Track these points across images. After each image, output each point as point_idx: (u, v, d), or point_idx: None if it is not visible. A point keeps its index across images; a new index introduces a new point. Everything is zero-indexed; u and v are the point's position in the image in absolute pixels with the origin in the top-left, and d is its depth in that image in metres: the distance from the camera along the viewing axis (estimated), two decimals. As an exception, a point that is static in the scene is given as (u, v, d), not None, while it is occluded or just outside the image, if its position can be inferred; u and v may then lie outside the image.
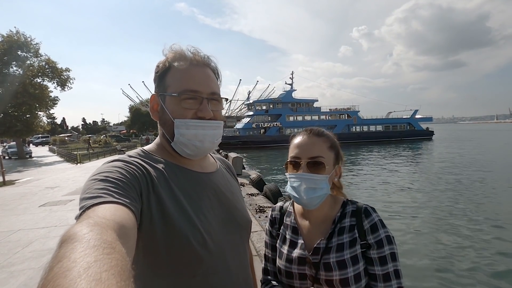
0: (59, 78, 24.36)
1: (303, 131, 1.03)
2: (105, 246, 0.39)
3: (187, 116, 0.78)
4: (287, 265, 0.98)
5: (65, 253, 0.36)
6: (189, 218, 0.73)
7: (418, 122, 48.66)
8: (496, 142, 36.03)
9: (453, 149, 28.20)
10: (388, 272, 0.88)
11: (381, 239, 0.90)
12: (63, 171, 14.54)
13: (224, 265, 0.78)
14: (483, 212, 8.19)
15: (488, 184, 11.84)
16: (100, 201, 0.56)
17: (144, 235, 0.67)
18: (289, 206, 1.11)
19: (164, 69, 0.82)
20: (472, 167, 16.32)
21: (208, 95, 0.81)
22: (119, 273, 0.35)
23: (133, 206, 0.61)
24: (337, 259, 0.90)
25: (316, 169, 0.95)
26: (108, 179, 0.64)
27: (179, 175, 0.80)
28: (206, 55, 0.85)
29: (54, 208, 6.72)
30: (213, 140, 0.82)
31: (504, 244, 6.03)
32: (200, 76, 0.81)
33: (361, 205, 0.98)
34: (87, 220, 0.47)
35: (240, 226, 0.88)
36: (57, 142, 43.02)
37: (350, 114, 46.43)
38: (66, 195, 8.18)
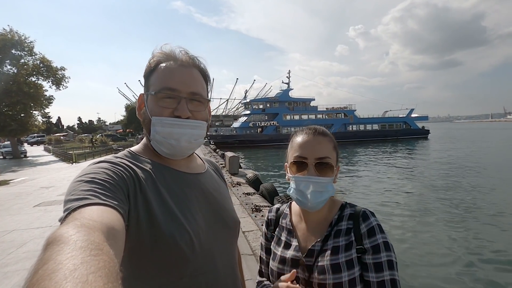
0: (54, 77, 24.15)
1: (306, 130, 0.97)
2: (93, 247, 0.38)
3: (164, 114, 0.78)
4: (279, 266, 0.95)
5: (50, 255, 0.36)
6: (176, 219, 0.73)
7: (414, 121, 49.01)
8: (491, 141, 36.37)
9: (449, 148, 28.43)
10: (384, 280, 0.82)
11: (378, 244, 0.85)
12: (58, 170, 14.43)
13: (212, 266, 0.78)
14: (478, 210, 8.28)
15: (483, 184, 11.95)
16: (87, 203, 0.55)
17: (131, 237, 0.66)
18: (286, 208, 1.08)
19: (150, 69, 0.82)
20: (467, 166, 16.47)
21: (187, 95, 0.80)
22: (107, 274, 0.34)
23: (121, 208, 0.60)
24: (331, 262, 0.86)
25: (324, 170, 0.90)
26: (95, 180, 0.63)
27: (166, 176, 0.80)
28: (193, 56, 0.85)
29: (49, 208, 6.68)
30: (190, 140, 0.81)
31: (499, 241, 6.11)
32: (181, 75, 0.80)
33: (360, 209, 0.94)
34: (74, 222, 0.46)
35: (228, 226, 0.88)
36: (52, 142, 42.66)
37: (347, 113, 46.67)
38: (61, 195, 8.11)
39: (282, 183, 13.64)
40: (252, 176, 10.06)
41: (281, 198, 6.41)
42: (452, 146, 30.08)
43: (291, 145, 0.98)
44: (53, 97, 25.88)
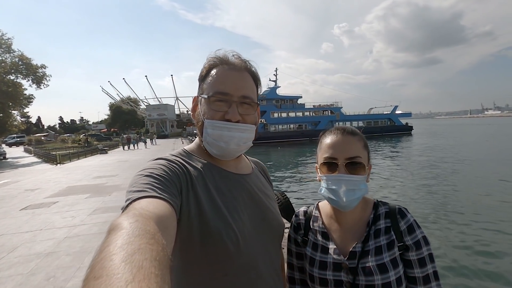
0: (34, 75, 23.27)
1: (335, 130, 0.97)
2: (148, 236, 0.42)
3: (215, 117, 0.82)
4: (321, 272, 0.92)
5: (112, 239, 0.40)
6: (223, 216, 0.76)
7: (398, 118, 50.29)
8: (471, 136, 37.84)
9: (431, 143, 29.37)
10: (428, 273, 0.86)
11: (418, 240, 0.87)
12: (43, 172, 13.94)
13: (255, 266, 0.80)
14: (460, 202, 8.61)
15: (466, 176, 12.44)
16: (145, 195, 0.60)
17: (182, 230, 0.70)
18: (314, 210, 1.06)
19: (204, 73, 0.86)
20: (449, 160, 17.07)
21: (238, 98, 0.82)
22: (158, 262, 0.37)
23: (174, 202, 0.64)
24: (377, 262, 0.86)
25: (355, 170, 0.90)
26: (153, 175, 0.68)
27: (215, 175, 0.83)
28: (245, 60, 0.88)
29: (37, 211, 6.45)
30: (238, 143, 0.83)
31: (483, 231, 6.38)
32: (233, 79, 0.83)
33: (394, 206, 0.94)
34: (133, 212, 0.51)
35: (273, 228, 0.90)
36: (32, 142, 41.08)
37: (333, 110, 47.32)
38: (49, 197, 7.86)
39: (272, 182, 13.71)
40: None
41: (276, 196, 6.44)
42: (435, 141, 31.10)
43: (320, 146, 0.98)
44: (33, 96, 24.96)
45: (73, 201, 7.29)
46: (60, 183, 10.19)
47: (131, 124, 68.07)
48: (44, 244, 4.42)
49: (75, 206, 6.72)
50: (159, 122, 60.82)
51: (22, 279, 3.39)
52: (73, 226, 5.27)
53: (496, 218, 7.08)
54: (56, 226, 5.33)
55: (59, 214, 6.09)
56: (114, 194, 7.92)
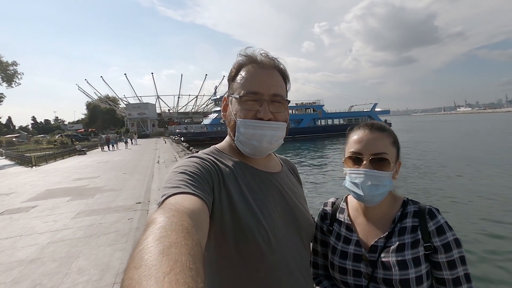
0: (4, 73, 22.00)
1: (363, 125, 0.97)
2: (184, 230, 0.43)
3: (247, 116, 0.83)
4: (341, 261, 0.95)
5: (151, 233, 0.42)
6: (254, 214, 0.77)
7: (378, 115, 51.75)
8: (445, 132, 39.65)
9: (409, 139, 30.51)
10: (458, 276, 0.85)
11: (448, 242, 0.86)
12: (17, 175, 13.22)
13: (286, 264, 0.81)
14: (440, 194, 9.04)
15: (444, 170, 13.04)
16: (180, 191, 0.62)
17: (215, 226, 0.72)
18: (342, 203, 1.07)
19: (234, 73, 0.87)
20: (428, 154, 17.82)
21: (269, 97, 0.83)
22: (193, 256, 0.38)
23: (206, 198, 0.66)
24: (397, 258, 0.86)
25: (380, 166, 0.90)
26: (187, 172, 0.71)
27: (246, 173, 0.85)
28: (274, 58, 0.88)
29: (15, 216, 6.11)
30: (271, 141, 0.84)
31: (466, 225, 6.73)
32: (263, 78, 0.84)
33: (424, 206, 0.92)
34: (169, 206, 0.53)
35: (302, 226, 0.91)
36: (3, 144, 38.85)
37: (315, 108, 48.01)
38: (26, 201, 7.47)
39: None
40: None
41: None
42: (413, 137, 32.32)
43: (348, 140, 0.98)
44: (3, 95, 23.60)
45: (53, 204, 6.98)
46: (38, 186, 9.72)
47: (110, 124, 65.89)
48: (26, 251, 4.21)
49: (56, 210, 6.43)
50: (139, 122, 59.29)
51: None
52: (56, 230, 5.05)
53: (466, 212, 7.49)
54: (38, 231, 5.08)
55: (39, 219, 5.81)
56: (97, 196, 7.65)
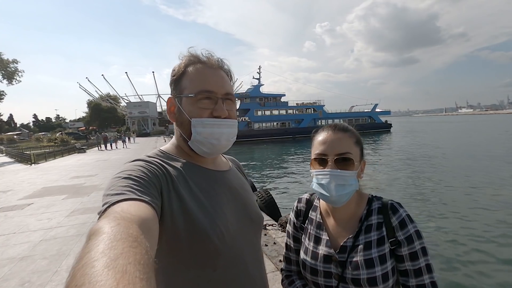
0: (5, 71, 22.06)
1: (327, 127, 0.99)
2: (131, 240, 0.41)
3: (203, 115, 0.82)
4: (312, 262, 0.97)
5: (93, 245, 0.38)
6: (208, 213, 0.77)
7: (378, 116, 51.76)
8: (447, 133, 39.55)
9: (409, 140, 30.44)
10: (420, 267, 0.86)
11: (410, 234, 0.88)
12: (16, 172, 13.27)
13: (241, 259, 0.82)
14: (438, 195, 9.02)
15: (444, 172, 13.00)
16: (124, 198, 0.59)
17: (166, 231, 0.70)
18: (316, 200, 1.09)
19: (180, 73, 0.86)
20: (427, 156, 17.78)
21: (222, 95, 0.84)
22: (143, 266, 0.36)
23: (154, 203, 0.64)
24: (365, 257, 0.88)
25: (345, 166, 0.91)
26: (131, 177, 0.67)
27: (196, 173, 0.84)
28: (219, 58, 0.89)
29: (10, 214, 6.13)
30: (228, 138, 0.86)
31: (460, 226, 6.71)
32: (214, 77, 0.85)
33: (387, 201, 0.95)
34: (113, 215, 0.50)
35: (254, 221, 0.92)
36: (4, 141, 38.98)
37: (316, 108, 47.99)
38: (22, 199, 7.49)
39: (258, 178, 13.77)
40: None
41: (260, 193, 6.48)
42: (413, 138, 32.24)
43: (313, 142, 1.00)
44: (4, 93, 23.70)
45: (49, 202, 7.00)
46: (35, 184, 9.74)
47: (111, 122, 66.05)
48: (18, 248, 4.22)
49: (51, 208, 6.45)
50: (140, 120, 59.30)
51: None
52: (49, 228, 5.06)
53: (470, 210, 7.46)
54: (31, 229, 5.10)
55: (34, 217, 5.83)
56: (92, 194, 7.67)
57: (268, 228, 4.48)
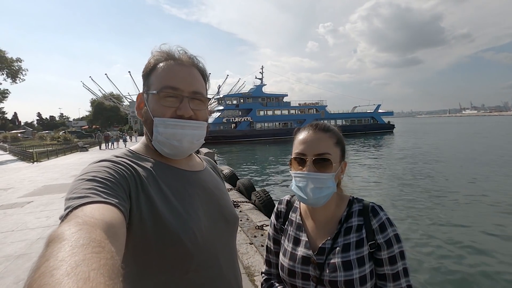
0: (8, 69, 22.19)
1: (308, 126, 0.97)
2: (94, 245, 0.38)
3: (166, 114, 0.78)
4: (290, 263, 0.95)
5: (52, 252, 0.36)
6: (179, 215, 0.74)
7: (381, 116, 51.47)
8: (450, 134, 39.31)
9: (412, 141, 30.29)
10: (398, 271, 0.86)
11: (389, 238, 0.87)
12: (17, 170, 13.35)
13: (215, 261, 0.80)
14: (442, 199, 8.94)
15: (446, 174, 12.90)
16: (88, 201, 0.55)
17: (134, 235, 0.67)
18: (296, 201, 1.08)
19: (149, 68, 0.82)
20: (429, 157, 17.66)
21: (189, 94, 0.80)
22: (108, 272, 0.34)
23: (122, 206, 0.60)
24: (342, 259, 0.86)
25: (323, 167, 0.90)
26: (96, 178, 0.63)
27: (167, 174, 0.80)
28: (193, 55, 0.86)
29: (9, 212, 6.16)
30: (192, 140, 0.81)
31: (466, 229, 6.65)
32: (182, 74, 0.80)
33: (368, 203, 0.94)
34: (75, 220, 0.46)
35: (229, 222, 0.90)
36: (8, 139, 39.27)
37: (318, 109, 47.85)
38: (22, 197, 7.53)
39: (258, 178, 13.75)
40: (228, 172, 10.02)
41: (259, 194, 6.46)
42: (416, 139, 32.06)
43: (294, 142, 0.98)
44: (8, 91, 23.90)
45: (48, 200, 7.03)
46: (36, 182, 9.79)
47: (114, 121, 66.34)
48: (15, 246, 4.23)
49: (50, 206, 6.48)
50: (142, 119, 59.45)
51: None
52: (47, 226, 5.08)
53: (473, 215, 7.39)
54: (29, 227, 5.11)
55: (32, 215, 5.85)
56: (92, 193, 7.68)
57: (266, 228, 4.46)
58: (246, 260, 3.47)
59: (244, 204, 6.14)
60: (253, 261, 3.44)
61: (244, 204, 6.14)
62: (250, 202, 6.42)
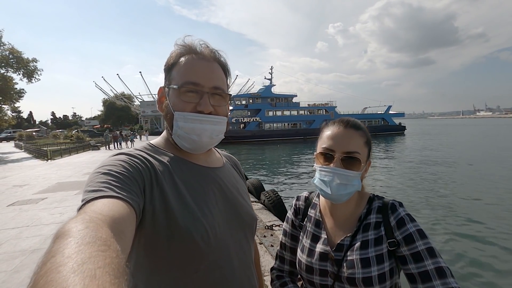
0: (25, 69, 22.77)
1: (339, 122, 0.94)
2: (100, 243, 0.39)
3: (186, 109, 0.78)
4: (308, 259, 0.94)
5: (58, 249, 0.36)
6: (192, 212, 0.73)
7: (392, 117, 50.71)
8: (464, 136, 38.36)
9: (424, 143, 29.70)
10: (427, 270, 0.76)
11: (410, 233, 0.82)
12: (32, 168, 13.70)
13: (228, 261, 0.78)
14: (453, 203, 8.73)
15: (457, 178, 12.60)
16: (100, 195, 0.56)
17: (147, 230, 0.67)
18: (315, 198, 1.06)
19: (171, 63, 0.82)
20: (441, 160, 17.28)
21: (210, 89, 0.79)
22: (114, 270, 0.35)
23: (134, 201, 0.61)
24: (361, 256, 0.85)
25: (351, 165, 0.88)
26: (111, 172, 0.64)
27: (183, 169, 0.80)
28: (215, 50, 0.85)
29: (24, 208, 6.32)
30: (211, 135, 0.81)
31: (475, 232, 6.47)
32: (203, 69, 0.80)
33: (388, 201, 0.91)
34: (83, 216, 0.47)
35: (245, 222, 0.88)
36: (23, 138, 40.37)
37: (327, 109, 47.46)
38: (37, 194, 7.72)
39: (267, 178, 13.73)
40: (237, 171, 10.02)
41: (268, 194, 6.44)
42: (428, 141, 31.41)
43: (321, 135, 0.96)
44: (24, 91, 24.52)
45: (61, 197, 7.18)
46: (50, 179, 10.02)
47: (124, 121, 67.38)
48: (30, 241, 4.34)
49: (64, 203, 6.61)
50: (153, 119, 60.37)
51: (5, 276, 3.32)
52: (60, 222, 5.17)
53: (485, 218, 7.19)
54: (43, 222, 5.23)
55: (46, 211, 5.99)
56: (104, 190, 7.82)
57: (275, 228, 4.43)
58: (256, 259, 3.46)
59: (254, 204, 6.13)
60: (262, 261, 3.42)
61: (254, 204, 6.13)
62: (259, 202, 6.40)
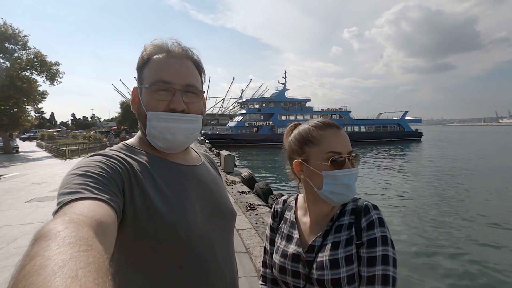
0: (48, 72, 23.80)
1: (328, 125, 0.94)
2: (81, 243, 0.38)
3: (159, 108, 0.78)
4: (281, 260, 0.95)
5: (38, 251, 0.35)
6: (174, 209, 0.73)
7: (408, 123, 49.50)
8: (488, 145, 36.91)
9: (441, 151, 28.77)
10: (374, 275, 0.77)
11: (374, 238, 0.81)
12: (51, 166, 14.26)
13: (211, 255, 0.79)
14: (466, 212, 8.41)
15: (477, 189, 12.13)
16: (79, 197, 0.55)
17: (128, 230, 0.66)
18: (292, 201, 1.08)
19: (142, 62, 0.82)
20: (459, 169, 16.69)
21: (182, 87, 0.79)
22: (96, 270, 0.34)
23: (113, 202, 0.60)
24: (330, 257, 0.84)
25: (356, 163, 0.92)
26: (88, 173, 0.62)
27: (162, 167, 0.80)
28: (186, 47, 0.84)
29: (40, 204, 6.59)
30: (186, 134, 0.80)
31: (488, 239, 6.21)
32: (175, 67, 0.79)
33: (362, 202, 0.90)
34: (63, 217, 0.45)
35: (225, 216, 0.89)
36: (45, 137, 42.07)
37: (341, 114, 46.91)
38: (53, 191, 8.01)
39: (277, 182, 13.67)
40: (247, 175, 10.06)
41: (276, 197, 6.43)
42: (446, 149, 30.39)
43: (321, 140, 0.92)
44: (46, 92, 25.60)
45: (76, 195, 7.42)
46: (66, 177, 10.38)
47: (140, 123, 68.78)
48: (43, 237, 4.51)
49: (78, 201, 6.83)
50: (167, 121, 61.27)
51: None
52: (73, 220, 5.35)
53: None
54: (57, 219, 5.43)
55: (61, 208, 6.21)
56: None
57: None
58: (259, 263, 3.45)
59: (261, 207, 6.12)
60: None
61: (261, 207, 6.12)
62: (267, 206, 6.40)
